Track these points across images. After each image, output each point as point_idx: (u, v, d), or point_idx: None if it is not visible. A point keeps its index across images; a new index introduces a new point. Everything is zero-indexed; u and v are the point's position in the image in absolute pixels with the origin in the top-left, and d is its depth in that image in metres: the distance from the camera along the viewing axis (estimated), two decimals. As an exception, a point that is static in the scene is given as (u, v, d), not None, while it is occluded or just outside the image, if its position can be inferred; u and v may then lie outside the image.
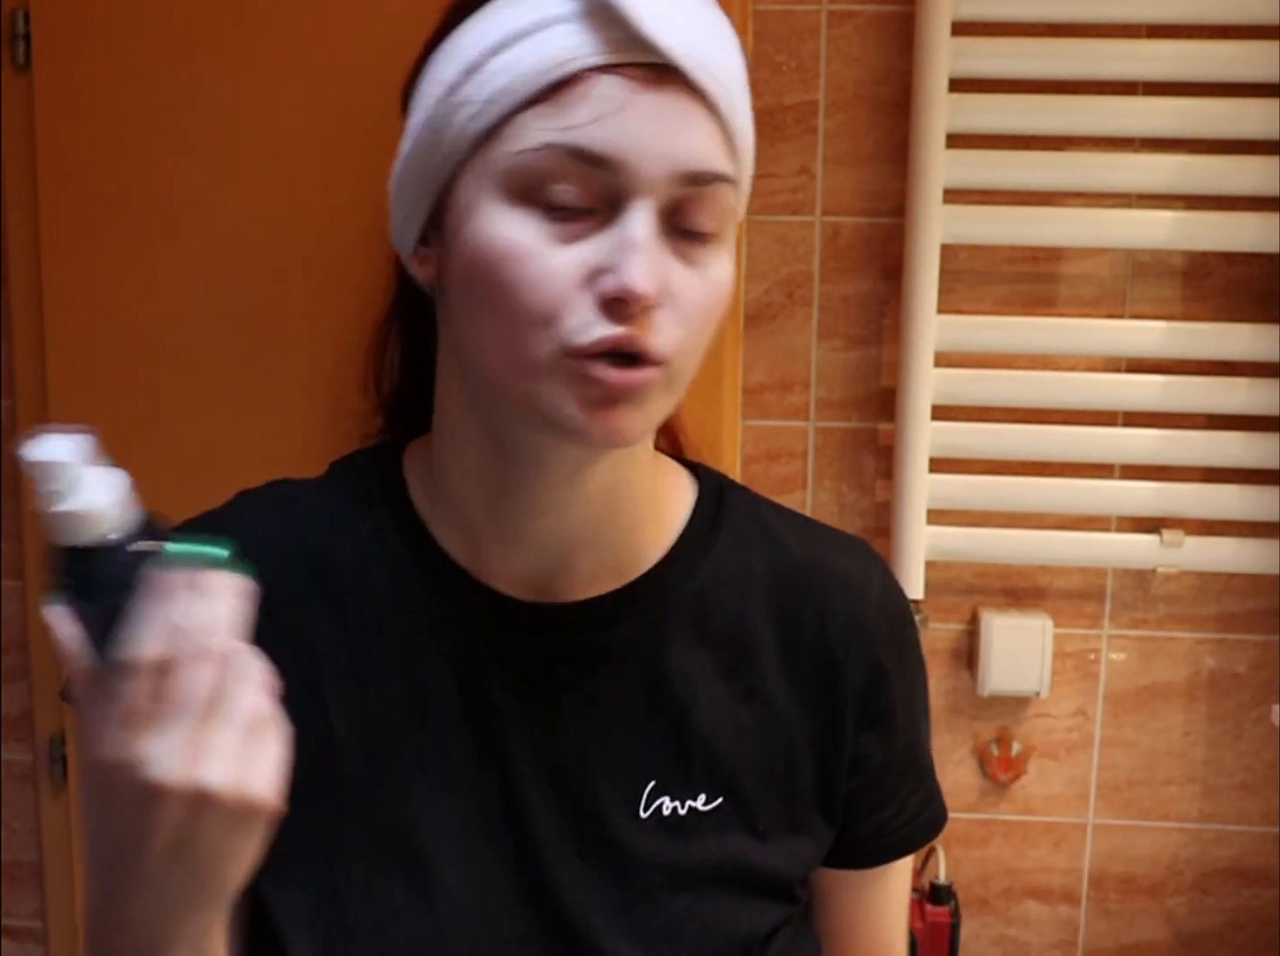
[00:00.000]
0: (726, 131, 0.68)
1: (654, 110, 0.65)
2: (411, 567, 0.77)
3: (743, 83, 0.70)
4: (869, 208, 1.40)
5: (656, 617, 0.77)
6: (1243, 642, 1.45)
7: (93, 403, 1.17)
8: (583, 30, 0.65)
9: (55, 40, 1.13)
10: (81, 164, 1.14)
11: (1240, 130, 1.33)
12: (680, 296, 0.67)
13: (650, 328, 0.66)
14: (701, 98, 0.66)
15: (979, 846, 1.49)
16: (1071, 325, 1.39)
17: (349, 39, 1.10)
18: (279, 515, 0.79)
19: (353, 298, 1.13)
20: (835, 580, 0.81)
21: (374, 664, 0.75)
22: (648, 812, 0.76)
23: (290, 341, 1.14)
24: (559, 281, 0.66)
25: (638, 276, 0.64)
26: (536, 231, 0.66)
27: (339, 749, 0.74)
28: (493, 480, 0.74)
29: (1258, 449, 1.38)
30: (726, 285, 0.70)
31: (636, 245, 0.64)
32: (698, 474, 0.84)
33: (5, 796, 1.47)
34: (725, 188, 0.68)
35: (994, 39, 1.35)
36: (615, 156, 0.65)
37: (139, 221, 1.14)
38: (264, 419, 1.15)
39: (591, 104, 0.65)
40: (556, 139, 0.65)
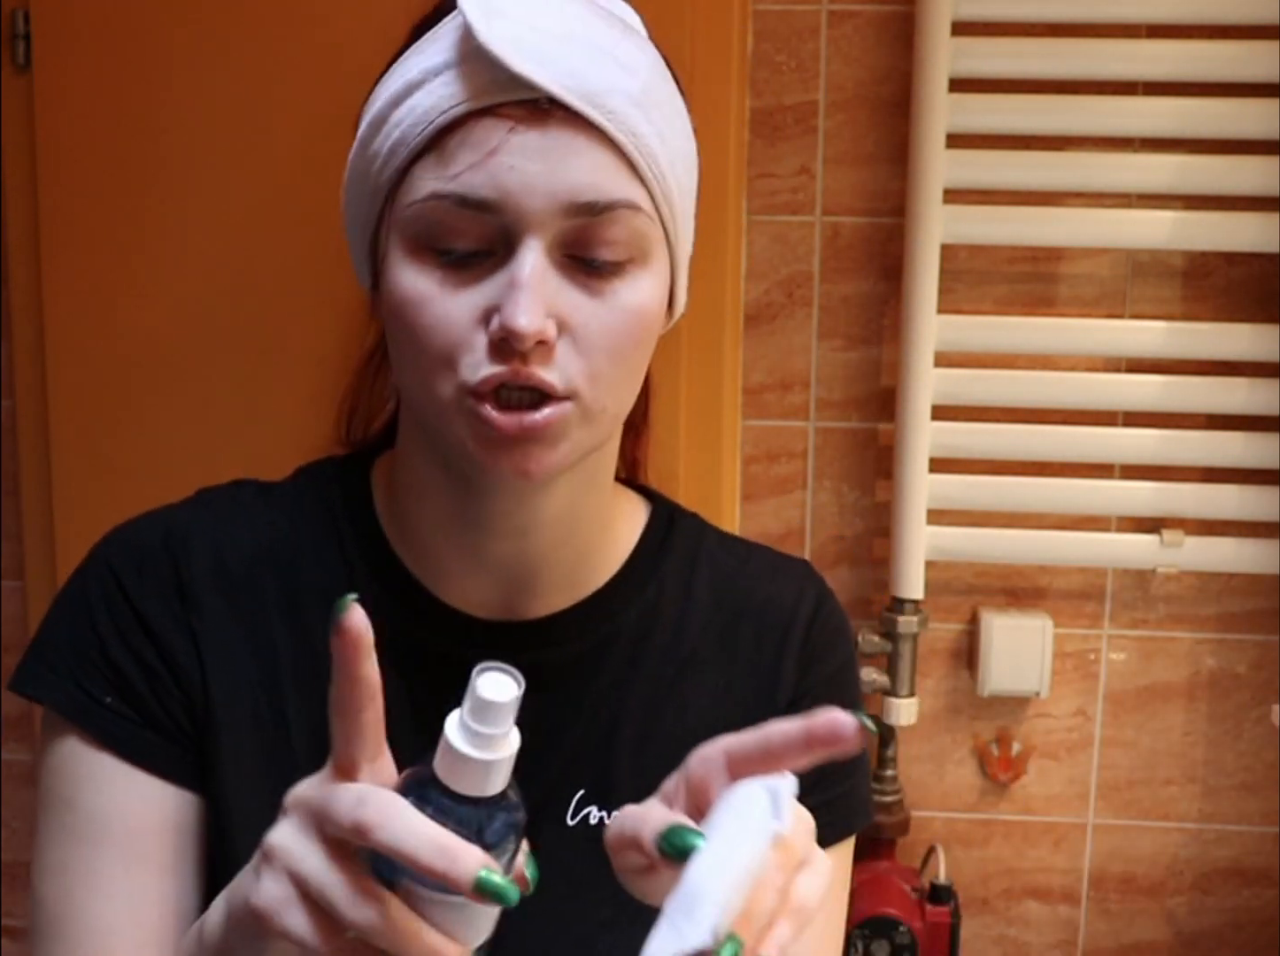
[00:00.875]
0: (626, 155, 0.67)
1: (534, 147, 0.65)
2: (371, 580, 0.77)
3: (656, 102, 0.69)
4: (869, 208, 1.40)
5: (606, 634, 0.79)
6: (1243, 642, 1.45)
7: (93, 403, 1.17)
8: (460, 76, 0.66)
9: (55, 40, 1.13)
10: (81, 164, 1.14)
11: (1240, 130, 1.33)
12: (583, 326, 0.67)
13: (543, 363, 0.66)
14: (590, 127, 0.66)
15: (979, 846, 1.49)
16: (1071, 325, 1.39)
17: (350, 39, 1.10)
18: (243, 517, 0.79)
19: (353, 297, 1.13)
20: (772, 601, 0.82)
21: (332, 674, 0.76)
22: (575, 821, 0.77)
23: (290, 341, 1.14)
24: (455, 325, 0.66)
25: (518, 315, 0.64)
26: (435, 279, 0.67)
27: (296, 756, 0.74)
28: (447, 506, 0.75)
29: (1258, 449, 1.38)
30: (644, 310, 0.69)
31: (520, 284, 0.65)
32: (651, 499, 0.86)
33: (5, 796, 1.47)
34: (628, 214, 0.67)
35: (994, 39, 1.34)
36: (496, 199, 0.65)
37: (139, 221, 1.14)
38: (264, 419, 1.15)
39: (470, 149, 0.65)
40: (441, 188, 0.66)
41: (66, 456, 1.18)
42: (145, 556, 0.76)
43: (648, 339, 0.71)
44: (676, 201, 0.71)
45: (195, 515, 0.79)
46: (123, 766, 0.74)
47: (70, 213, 1.15)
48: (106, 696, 0.74)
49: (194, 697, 0.75)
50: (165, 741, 0.75)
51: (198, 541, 0.77)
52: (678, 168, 0.71)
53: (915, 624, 1.40)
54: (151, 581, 0.75)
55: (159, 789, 0.74)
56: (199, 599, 0.76)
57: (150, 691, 0.74)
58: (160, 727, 0.74)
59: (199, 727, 0.75)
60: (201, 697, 0.75)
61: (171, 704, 0.75)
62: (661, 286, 0.72)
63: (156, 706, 0.74)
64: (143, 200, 1.14)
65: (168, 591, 0.75)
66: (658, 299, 0.71)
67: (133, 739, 0.74)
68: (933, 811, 1.48)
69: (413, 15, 0.73)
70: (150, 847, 0.73)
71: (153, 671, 0.74)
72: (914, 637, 1.41)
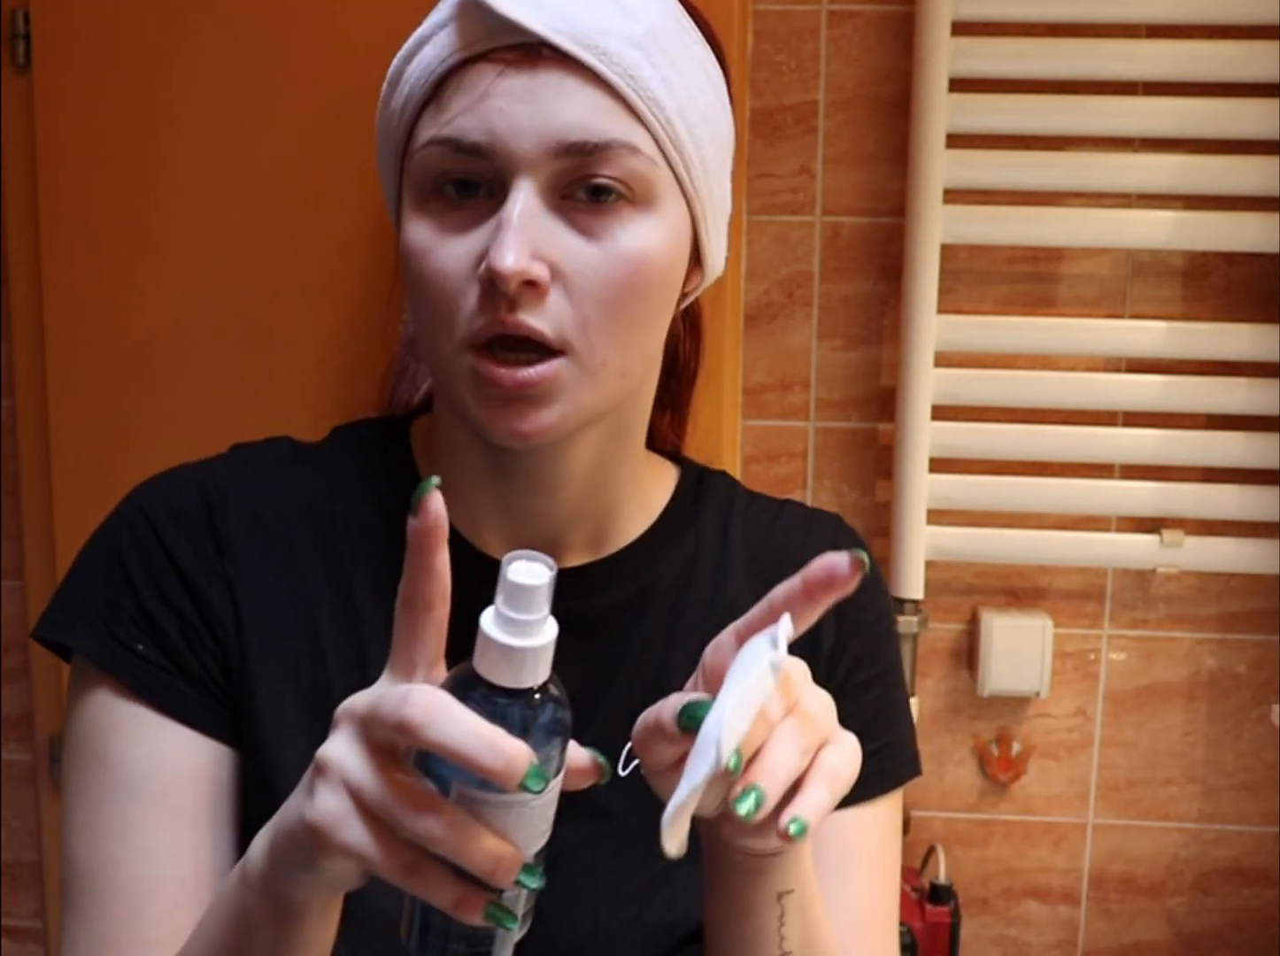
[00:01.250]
0: (623, 97, 0.66)
1: (524, 89, 0.65)
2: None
3: (662, 45, 0.68)
4: (869, 208, 1.40)
5: (642, 586, 0.79)
6: (1243, 642, 1.45)
7: (93, 403, 1.17)
8: (457, 28, 0.67)
9: (55, 40, 1.13)
10: (81, 164, 1.14)
11: (1240, 130, 1.33)
12: (577, 273, 0.66)
13: (534, 310, 0.65)
14: (583, 69, 0.66)
15: (979, 846, 1.49)
16: (1071, 325, 1.39)
17: (350, 38, 1.10)
18: (280, 472, 0.79)
19: (353, 297, 1.13)
20: (808, 551, 0.80)
21: (371, 625, 0.75)
22: (626, 771, 0.76)
23: (290, 341, 1.14)
24: (452, 274, 0.67)
25: (503, 257, 0.63)
26: (435, 228, 0.68)
27: (337, 704, 0.74)
28: (478, 462, 0.76)
29: (1258, 449, 1.38)
30: (642, 256, 0.68)
31: (506, 225, 0.64)
32: (680, 463, 0.86)
33: (5, 796, 1.47)
34: (625, 154, 0.66)
35: (994, 39, 1.34)
36: (486, 141, 0.65)
37: (139, 221, 1.14)
38: (264, 418, 1.15)
39: (462, 94, 0.66)
40: (436, 134, 0.67)
41: (66, 456, 1.18)
42: (181, 505, 0.75)
43: (653, 288, 0.69)
44: (689, 149, 0.70)
45: (231, 469, 0.78)
46: (156, 717, 0.72)
47: (70, 213, 1.15)
48: (139, 644, 0.72)
49: (229, 649, 0.74)
50: (199, 692, 0.73)
51: (235, 493, 0.76)
52: (690, 116, 0.69)
53: (915, 624, 1.40)
54: (187, 529, 0.74)
55: (193, 741, 0.73)
56: (235, 550, 0.75)
57: (185, 642, 0.73)
58: (194, 679, 0.73)
59: (233, 680, 0.74)
60: (238, 649, 0.74)
61: (205, 656, 0.73)
62: (672, 235, 0.70)
63: (190, 657, 0.73)
64: (142, 200, 1.14)
65: (203, 540, 0.74)
66: (664, 246, 0.69)
67: (167, 689, 0.72)
68: (933, 811, 1.48)
69: (413, 15, 0.73)
70: (185, 802, 0.72)
71: (187, 621, 0.73)
72: (914, 637, 1.41)
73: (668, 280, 0.71)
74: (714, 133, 0.72)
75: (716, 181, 0.74)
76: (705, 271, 0.77)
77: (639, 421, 0.78)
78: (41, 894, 1.47)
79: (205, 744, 0.73)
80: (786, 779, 0.54)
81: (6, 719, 1.45)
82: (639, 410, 0.77)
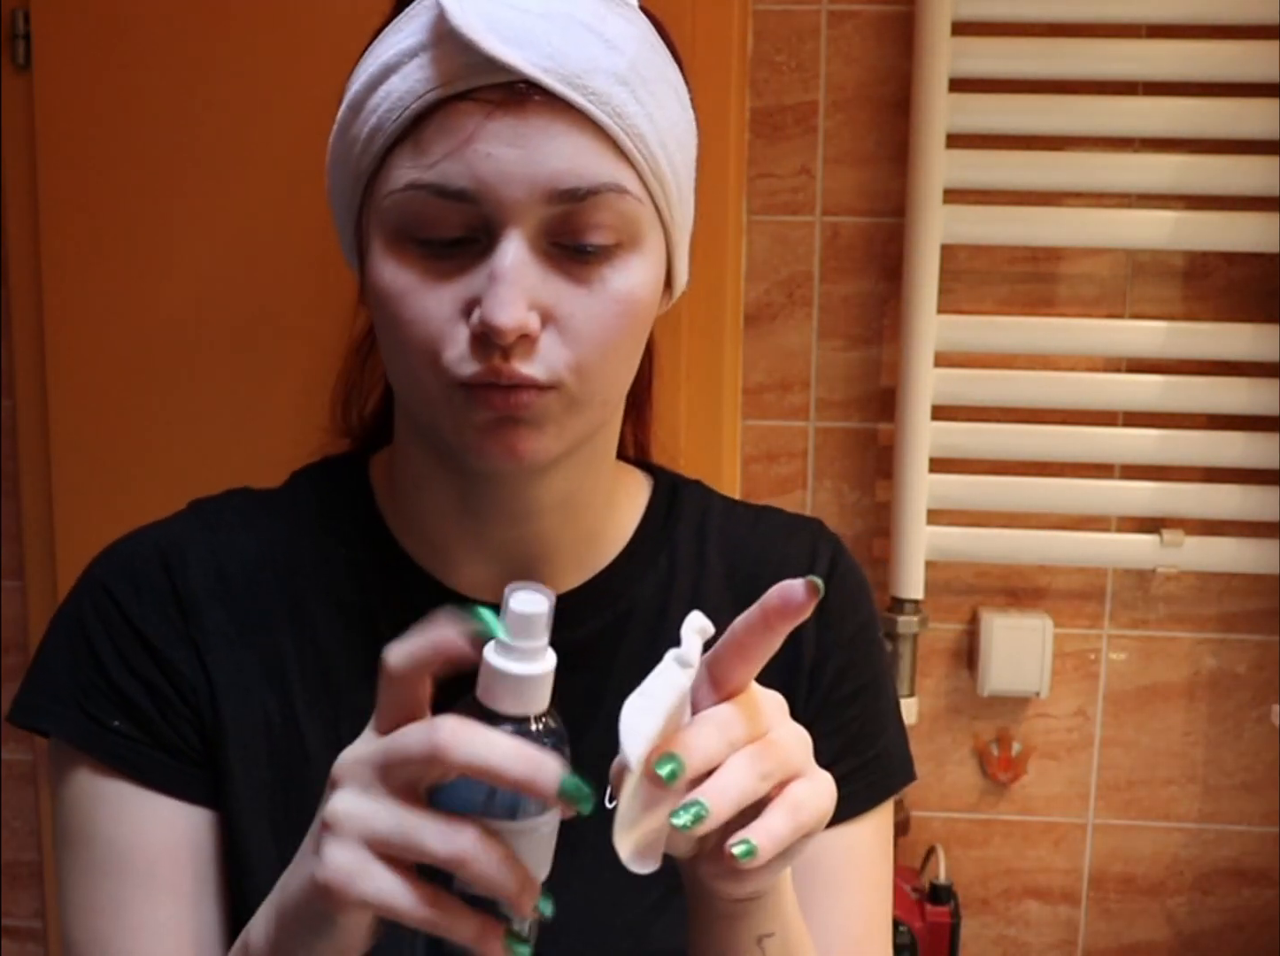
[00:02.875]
0: (611, 137, 0.65)
1: (511, 133, 0.63)
2: (378, 576, 0.76)
3: (645, 79, 0.66)
4: (869, 208, 1.40)
5: (621, 610, 0.78)
6: (1243, 642, 1.45)
7: (93, 403, 1.17)
8: (434, 60, 0.64)
9: (55, 40, 1.13)
10: (81, 164, 1.14)
11: (1240, 130, 1.33)
12: (570, 317, 0.65)
13: (526, 358, 0.64)
14: (570, 109, 0.63)
15: (979, 846, 1.49)
16: (1071, 325, 1.39)
17: (350, 41, 1.09)
18: (239, 525, 0.77)
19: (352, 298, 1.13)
20: (788, 562, 0.80)
21: (343, 674, 0.74)
22: (614, 802, 0.76)
23: (290, 340, 1.14)
24: (435, 319, 0.65)
25: (497, 311, 0.62)
26: (416, 271, 0.66)
27: (312, 761, 0.73)
28: (448, 495, 0.74)
29: (1258, 449, 1.38)
30: (634, 296, 0.67)
31: (498, 278, 0.63)
32: (652, 473, 0.84)
33: (5, 796, 1.47)
34: (615, 197, 0.65)
35: (994, 39, 1.35)
36: (473, 188, 0.63)
37: (139, 221, 1.14)
38: (263, 418, 1.15)
39: (446, 137, 0.63)
40: (418, 178, 0.64)
41: (66, 456, 1.18)
42: (139, 572, 0.74)
43: (639, 325, 0.69)
44: (669, 179, 0.69)
45: (188, 526, 0.77)
46: (137, 790, 0.72)
47: (70, 213, 1.15)
48: (114, 720, 0.72)
49: (202, 713, 0.74)
50: (178, 761, 0.73)
51: (193, 552, 0.75)
52: (669, 145, 0.68)
53: (915, 624, 1.40)
54: (149, 597, 0.74)
55: (176, 811, 0.73)
56: (199, 611, 0.74)
57: (157, 711, 0.73)
58: (170, 747, 0.73)
59: (209, 743, 0.74)
60: (210, 712, 0.74)
61: (179, 722, 0.73)
62: (654, 268, 0.69)
63: (165, 726, 0.73)
64: (142, 200, 1.14)
65: (166, 606, 0.74)
66: (650, 282, 0.69)
67: (144, 761, 0.72)
68: (933, 811, 1.48)
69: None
70: (173, 874, 0.72)
71: (158, 690, 0.73)
72: (914, 638, 1.41)
73: (650, 313, 0.71)
74: (686, 157, 0.72)
75: (687, 204, 0.73)
76: (673, 292, 0.76)
77: (610, 442, 0.77)
78: (41, 894, 1.47)
79: (189, 811, 0.73)
80: (738, 798, 0.53)
81: (6, 719, 1.45)
82: (611, 431, 0.77)
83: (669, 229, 0.71)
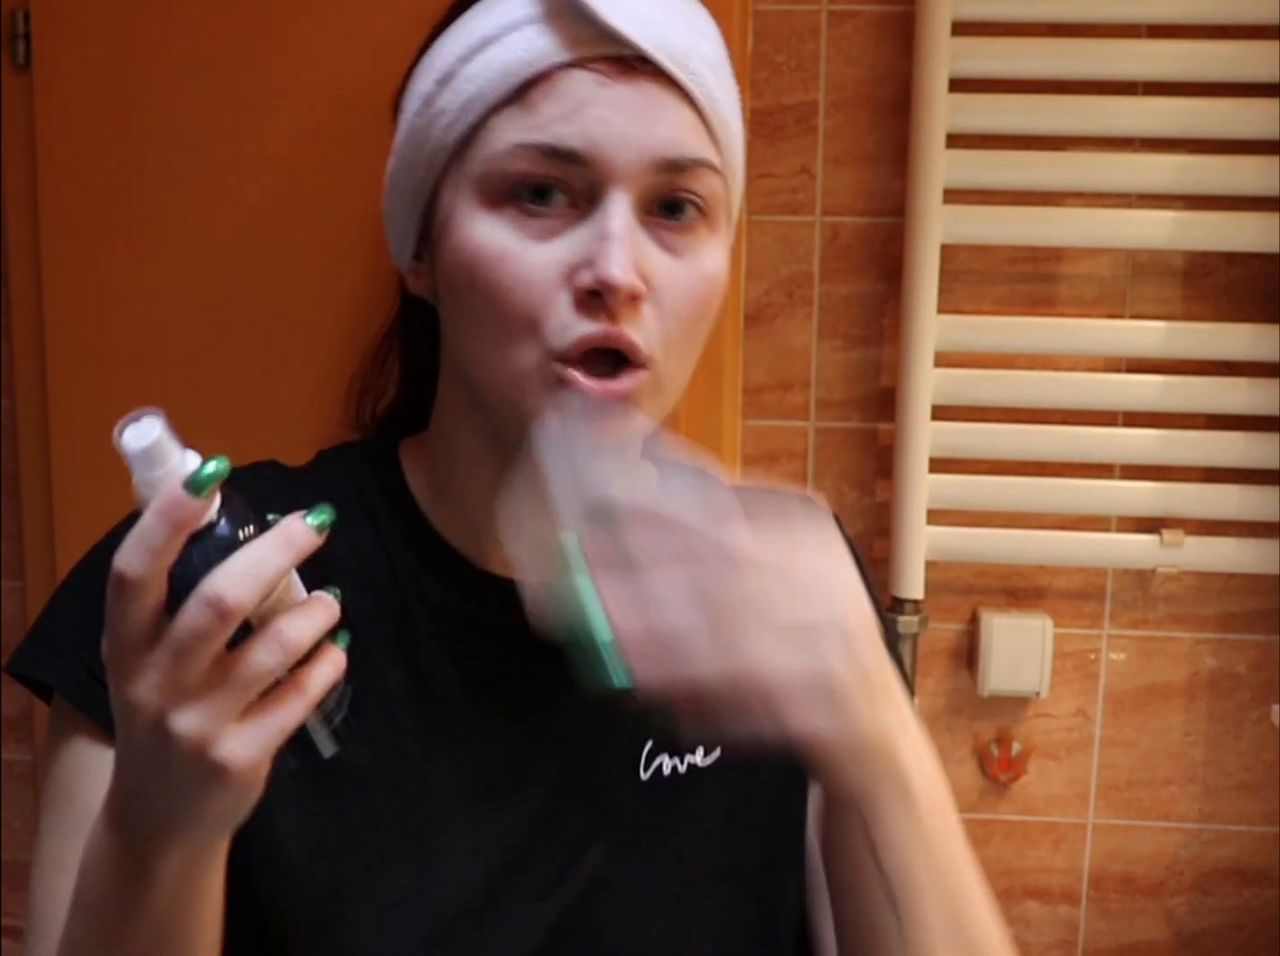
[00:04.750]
0: (705, 118, 0.68)
1: (624, 101, 0.65)
2: (410, 556, 0.76)
3: (724, 72, 0.70)
4: (869, 208, 1.40)
5: None
6: (1243, 642, 1.45)
7: (93, 403, 1.17)
8: (548, 30, 0.66)
9: (55, 40, 1.13)
10: (81, 164, 1.14)
11: (1240, 130, 1.33)
12: (666, 289, 0.66)
13: (633, 322, 0.65)
14: (675, 86, 0.66)
15: (979, 846, 1.48)
16: (1071, 325, 1.39)
17: (351, 42, 1.10)
18: (266, 497, 0.76)
19: (353, 298, 1.13)
20: None
21: (374, 653, 0.75)
22: (648, 774, 0.76)
23: (291, 340, 1.14)
24: (538, 281, 0.65)
25: (614, 267, 0.63)
26: (514, 232, 0.66)
27: None
28: (495, 480, 0.74)
29: (1258, 449, 1.38)
30: (718, 278, 0.69)
31: (612, 236, 0.64)
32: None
33: (5, 796, 1.47)
34: (708, 174, 0.68)
35: (994, 39, 1.34)
36: (586, 149, 0.65)
37: (139, 221, 1.14)
38: (264, 419, 1.15)
39: (559, 100, 0.65)
40: (527, 138, 0.65)
41: (66, 456, 1.18)
42: None
43: (715, 309, 0.70)
44: (738, 173, 0.73)
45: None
46: None
47: (70, 212, 1.15)
48: None
49: None
50: None
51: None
52: (738, 140, 0.72)
53: (915, 624, 1.40)
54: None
55: None
56: None
57: None
58: None
59: None
60: None
61: None
62: (728, 255, 0.71)
63: None
64: (143, 200, 1.14)
65: None
66: (726, 267, 0.71)
67: None
68: (933, 811, 1.48)
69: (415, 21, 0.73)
70: None
71: None
72: (914, 637, 1.41)
73: (723, 300, 0.72)
74: (742, 156, 0.75)
75: (738, 200, 0.76)
76: None
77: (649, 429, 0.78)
78: (41, 894, 1.47)
79: None
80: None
81: (6, 719, 1.45)
82: None
83: (730, 221, 0.74)
